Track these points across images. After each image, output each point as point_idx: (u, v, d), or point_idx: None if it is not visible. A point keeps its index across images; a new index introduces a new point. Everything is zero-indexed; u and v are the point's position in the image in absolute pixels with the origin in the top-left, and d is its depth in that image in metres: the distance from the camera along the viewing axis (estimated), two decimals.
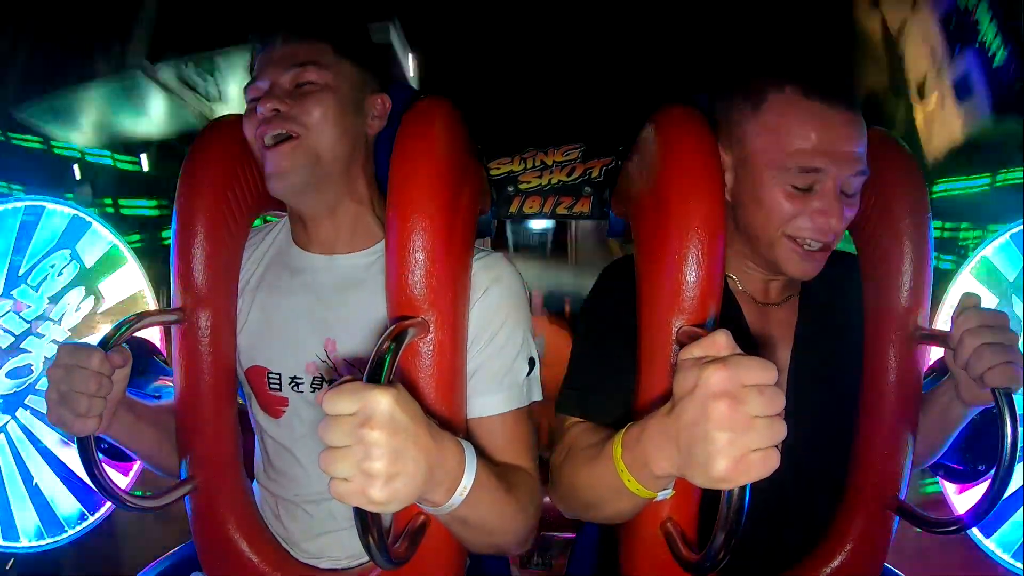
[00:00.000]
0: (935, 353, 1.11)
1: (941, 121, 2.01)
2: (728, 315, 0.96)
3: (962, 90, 1.99)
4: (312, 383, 0.97)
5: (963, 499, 1.48)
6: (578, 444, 0.89)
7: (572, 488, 0.87)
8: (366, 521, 0.60)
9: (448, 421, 0.83)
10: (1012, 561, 1.49)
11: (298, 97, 0.94)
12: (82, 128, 2.19)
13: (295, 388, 0.98)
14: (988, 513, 0.85)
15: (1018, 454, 0.83)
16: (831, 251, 0.93)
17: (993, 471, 0.84)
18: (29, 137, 2.02)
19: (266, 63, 0.97)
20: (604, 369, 0.95)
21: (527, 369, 0.93)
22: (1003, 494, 0.83)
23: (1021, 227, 1.57)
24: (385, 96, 1.03)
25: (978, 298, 0.87)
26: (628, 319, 0.90)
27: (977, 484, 1.35)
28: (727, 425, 0.56)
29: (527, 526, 0.86)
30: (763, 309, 1.01)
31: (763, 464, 0.56)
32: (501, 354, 0.91)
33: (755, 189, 0.90)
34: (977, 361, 0.83)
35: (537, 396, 0.95)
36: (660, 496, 0.75)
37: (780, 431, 0.57)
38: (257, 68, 0.99)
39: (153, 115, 2.40)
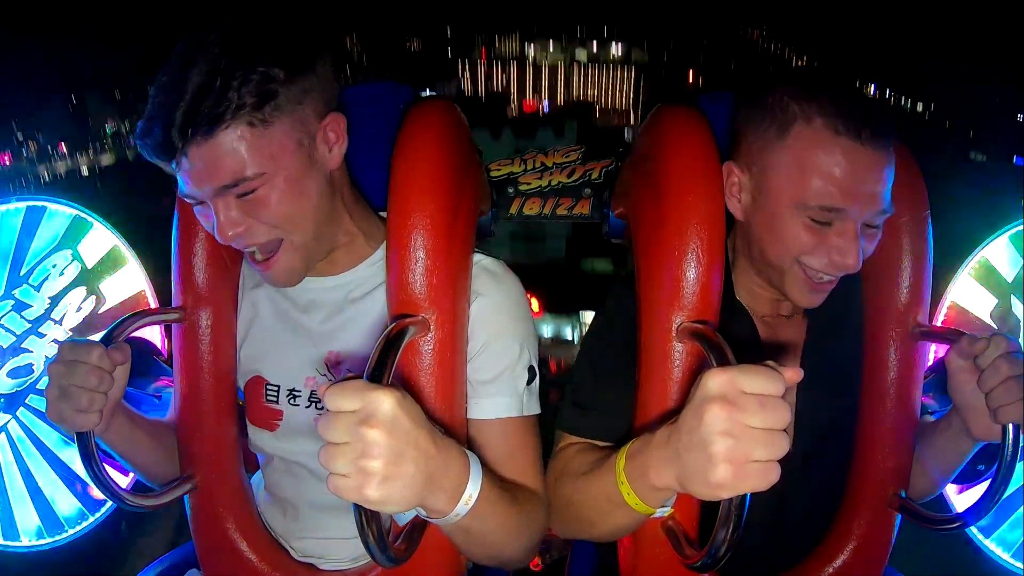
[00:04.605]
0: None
1: None
2: (740, 328, 0.97)
3: None
4: (310, 396, 0.97)
5: (962, 499, 1.48)
6: (577, 460, 0.89)
7: (569, 504, 0.87)
8: (365, 518, 0.60)
9: (448, 420, 0.83)
10: (1012, 561, 1.48)
11: (249, 206, 0.80)
12: None
13: (292, 401, 0.98)
14: (988, 511, 0.85)
15: (1019, 453, 0.83)
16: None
17: (993, 470, 0.84)
18: None
19: (181, 171, 0.78)
20: (607, 389, 0.95)
21: (526, 377, 0.92)
22: (1004, 492, 0.84)
23: (1021, 227, 1.56)
24: (335, 115, 0.85)
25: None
26: (632, 340, 0.90)
27: (976, 484, 1.35)
28: (722, 429, 0.56)
29: (530, 542, 0.86)
30: (772, 322, 1.01)
31: (762, 477, 0.56)
32: (498, 359, 0.90)
33: (773, 219, 0.88)
34: (1004, 393, 0.81)
35: (535, 409, 0.93)
36: (658, 513, 0.75)
37: (781, 446, 0.56)
38: (172, 167, 0.78)
39: None
